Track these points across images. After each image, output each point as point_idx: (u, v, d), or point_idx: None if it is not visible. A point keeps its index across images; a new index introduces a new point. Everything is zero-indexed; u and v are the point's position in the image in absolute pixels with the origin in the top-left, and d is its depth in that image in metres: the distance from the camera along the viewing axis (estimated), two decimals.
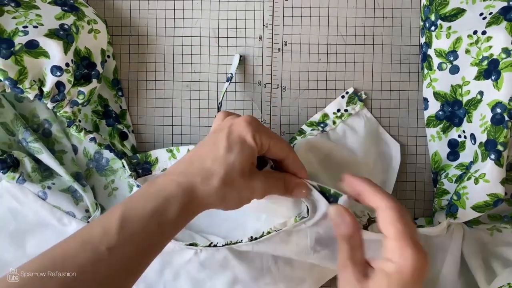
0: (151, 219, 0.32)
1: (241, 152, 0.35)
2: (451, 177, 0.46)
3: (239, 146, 0.35)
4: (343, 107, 0.48)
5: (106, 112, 0.49)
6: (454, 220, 0.44)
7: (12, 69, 0.40)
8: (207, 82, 0.50)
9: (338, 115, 0.48)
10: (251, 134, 0.36)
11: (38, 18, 0.42)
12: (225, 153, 0.35)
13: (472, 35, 0.44)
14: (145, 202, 0.33)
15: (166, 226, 0.33)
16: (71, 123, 0.45)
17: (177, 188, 0.34)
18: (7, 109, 0.47)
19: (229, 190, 0.35)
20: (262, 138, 0.36)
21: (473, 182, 0.42)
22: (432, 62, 0.47)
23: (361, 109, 0.48)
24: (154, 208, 0.33)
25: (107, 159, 0.50)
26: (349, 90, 0.49)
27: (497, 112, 0.41)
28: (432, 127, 0.48)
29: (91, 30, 0.46)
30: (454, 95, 0.46)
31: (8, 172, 0.44)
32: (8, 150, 0.46)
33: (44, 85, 0.42)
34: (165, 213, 0.33)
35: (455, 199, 0.43)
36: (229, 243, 0.44)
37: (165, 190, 0.34)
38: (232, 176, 0.35)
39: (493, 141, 0.41)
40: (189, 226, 0.46)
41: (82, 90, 0.44)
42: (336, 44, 0.49)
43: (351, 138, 0.47)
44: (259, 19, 0.50)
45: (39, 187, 0.46)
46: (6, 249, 0.47)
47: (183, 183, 0.34)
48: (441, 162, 0.48)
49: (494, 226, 0.46)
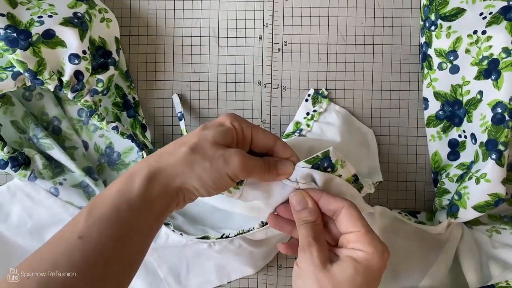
0: (117, 199, 0.32)
1: (217, 129, 0.35)
2: (452, 176, 0.46)
3: (215, 125, 0.35)
4: (311, 109, 0.49)
5: (125, 102, 0.49)
6: (455, 219, 0.44)
7: (31, 61, 0.40)
8: (207, 82, 0.50)
9: (309, 118, 0.48)
10: (230, 120, 0.36)
11: (51, 8, 0.43)
12: (199, 129, 0.35)
13: (472, 34, 0.44)
14: (111, 186, 0.33)
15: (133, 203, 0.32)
16: (92, 112, 0.45)
17: (141, 165, 0.33)
18: (17, 107, 0.48)
19: (198, 158, 0.33)
20: (242, 124, 0.36)
21: (474, 182, 0.42)
22: (432, 61, 0.47)
23: (328, 104, 0.48)
24: (118, 188, 0.32)
25: (119, 153, 0.50)
26: (310, 92, 0.49)
27: (497, 111, 0.41)
28: (432, 127, 0.48)
29: (103, 19, 0.46)
30: (454, 95, 0.46)
31: (19, 170, 0.44)
32: (19, 148, 0.46)
33: (63, 75, 0.42)
34: (129, 190, 0.32)
35: (456, 198, 0.43)
36: (241, 232, 0.43)
37: (131, 169, 0.34)
38: (203, 145, 0.34)
39: (494, 141, 0.41)
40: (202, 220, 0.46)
41: (101, 78, 0.44)
42: (336, 44, 0.49)
43: (329, 133, 0.47)
44: (259, 19, 0.50)
45: (50, 183, 0.46)
46: (30, 244, 0.47)
47: (149, 159, 0.34)
48: (441, 162, 0.48)
49: (494, 227, 0.46)
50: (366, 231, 0.33)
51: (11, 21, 0.41)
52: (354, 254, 0.33)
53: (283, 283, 0.49)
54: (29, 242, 0.47)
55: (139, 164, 0.34)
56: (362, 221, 0.34)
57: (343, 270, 0.32)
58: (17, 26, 0.40)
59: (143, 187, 0.32)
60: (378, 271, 0.33)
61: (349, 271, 0.32)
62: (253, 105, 0.50)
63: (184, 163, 0.33)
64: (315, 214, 0.36)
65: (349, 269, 0.32)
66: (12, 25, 0.40)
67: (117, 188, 0.32)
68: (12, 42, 0.40)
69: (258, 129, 0.37)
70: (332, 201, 0.35)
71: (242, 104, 0.50)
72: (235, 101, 0.50)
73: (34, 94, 0.49)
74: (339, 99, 0.49)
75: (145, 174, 0.33)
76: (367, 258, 0.32)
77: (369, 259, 0.32)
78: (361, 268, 0.32)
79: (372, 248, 0.33)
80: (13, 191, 0.47)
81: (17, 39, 0.40)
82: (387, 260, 0.33)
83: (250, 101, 0.50)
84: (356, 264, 0.32)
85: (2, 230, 0.47)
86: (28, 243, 0.47)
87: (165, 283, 0.48)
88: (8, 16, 0.41)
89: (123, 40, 0.50)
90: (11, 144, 0.46)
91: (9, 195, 0.47)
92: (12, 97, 0.47)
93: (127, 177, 0.33)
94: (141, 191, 0.32)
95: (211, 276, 0.48)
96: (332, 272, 0.32)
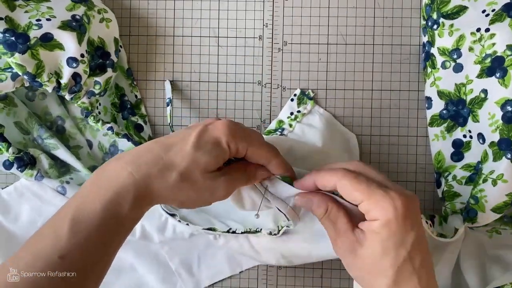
0: (103, 219, 0.30)
1: (211, 153, 0.32)
2: (460, 179, 0.46)
3: (210, 146, 0.32)
4: (295, 109, 0.48)
5: (122, 103, 0.50)
6: (473, 224, 0.43)
7: (30, 64, 0.40)
8: (207, 82, 0.50)
9: (292, 118, 0.48)
10: (226, 139, 0.33)
11: (50, 11, 0.43)
12: (191, 148, 0.32)
13: (475, 32, 0.44)
14: (94, 199, 0.31)
15: (120, 224, 0.31)
16: (88, 113, 0.45)
17: (128, 180, 0.31)
18: (20, 108, 0.48)
19: (186, 188, 0.32)
20: (239, 145, 0.33)
21: (491, 184, 0.41)
22: (436, 60, 0.47)
23: (313, 107, 0.48)
24: (105, 207, 0.30)
25: (122, 152, 0.50)
26: (296, 92, 0.49)
27: (507, 110, 0.41)
28: (436, 126, 0.48)
29: (103, 19, 0.46)
30: (458, 94, 0.46)
31: (26, 170, 0.44)
32: (24, 149, 0.46)
33: (62, 77, 0.42)
34: (117, 211, 0.31)
35: (473, 203, 0.43)
36: (248, 230, 0.43)
37: (115, 182, 0.31)
38: (193, 174, 0.32)
39: (507, 140, 0.40)
40: (206, 210, 0.46)
41: (98, 80, 0.44)
42: (336, 44, 0.49)
43: (310, 135, 0.47)
44: (259, 19, 0.50)
45: (57, 182, 0.46)
46: None
47: (136, 173, 0.31)
48: (445, 162, 0.47)
49: (494, 228, 0.46)
50: (365, 198, 0.31)
51: (10, 24, 0.41)
52: (372, 226, 0.31)
53: (283, 283, 0.49)
54: None
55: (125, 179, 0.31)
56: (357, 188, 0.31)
57: (371, 251, 0.31)
58: (16, 30, 0.40)
59: (130, 210, 0.31)
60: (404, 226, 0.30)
61: (377, 248, 0.31)
62: (253, 105, 0.50)
63: (172, 190, 0.32)
64: (322, 204, 0.34)
65: (376, 246, 0.31)
66: (10, 29, 0.40)
67: (103, 206, 0.30)
68: (11, 46, 0.40)
69: (255, 149, 0.35)
70: (325, 181, 0.33)
71: (242, 104, 0.50)
72: (235, 101, 0.50)
73: (37, 94, 0.49)
74: (339, 99, 0.49)
75: (133, 196, 0.31)
76: (384, 225, 0.30)
77: (387, 224, 0.30)
78: (385, 237, 0.30)
79: (380, 213, 0.30)
80: (20, 191, 0.47)
81: (16, 43, 0.40)
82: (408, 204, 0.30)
83: (250, 101, 0.50)
84: (379, 238, 0.30)
85: (14, 230, 0.47)
86: None
87: (177, 276, 0.48)
88: (6, 20, 0.41)
89: (123, 40, 0.50)
90: (15, 145, 0.46)
91: (16, 195, 0.47)
92: (15, 98, 0.47)
93: (114, 191, 0.31)
94: (128, 215, 0.31)
95: (223, 267, 0.48)
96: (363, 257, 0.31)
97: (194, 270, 0.48)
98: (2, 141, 0.43)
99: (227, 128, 0.33)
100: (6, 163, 0.44)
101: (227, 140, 0.33)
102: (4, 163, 0.45)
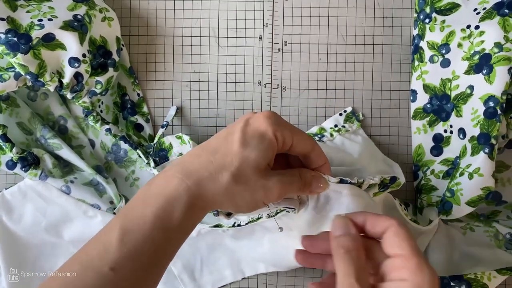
0: (154, 227, 0.29)
1: (259, 147, 0.31)
2: (438, 173, 0.47)
3: (256, 140, 0.31)
4: (341, 123, 0.48)
5: (123, 103, 0.50)
6: (447, 217, 0.44)
7: (32, 64, 0.41)
8: (207, 82, 0.50)
9: (335, 129, 0.47)
10: (272, 129, 0.31)
11: (51, 11, 0.43)
12: (239, 147, 0.31)
13: (465, 29, 0.44)
14: (144, 208, 0.30)
15: (172, 232, 0.30)
16: (88, 113, 0.45)
17: (179, 187, 0.30)
18: (23, 108, 0.48)
19: (240, 190, 0.31)
20: (285, 134, 0.32)
21: (467, 178, 0.42)
22: (424, 54, 0.47)
23: (358, 128, 0.48)
24: (156, 214, 0.29)
25: (125, 150, 0.50)
26: (347, 109, 0.49)
27: (490, 105, 0.41)
28: (419, 120, 0.48)
29: (104, 18, 0.46)
30: (443, 89, 0.46)
31: (30, 170, 0.44)
32: (27, 149, 0.46)
33: (64, 77, 0.43)
34: (168, 218, 0.29)
35: (449, 196, 0.44)
36: (252, 220, 0.44)
37: (166, 189, 0.30)
38: (245, 173, 0.30)
39: (487, 134, 0.41)
40: None
41: (100, 80, 0.44)
42: (336, 44, 0.49)
43: (350, 147, 0.46)
44: (259, 19, 0.50)
45: (62, 182, 0.46)
46: (49, 240, 0.47)
47: (187, 180, 0.30)
48: (424, 156, 0.48)
49: (468, 224, 0.47)
50: (413, 254, 0.28)
51: (12, 25, 0.41)
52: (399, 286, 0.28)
53: (283, 283, 0.49)
54: (48, 239, 0.47)
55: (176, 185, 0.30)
56: (409, 242, 0.28)
57: None
58: (18, 30, 0.41)
59: (183, 216, 0.30)
60: None
61: None
62: (253, 105, 0.50)
63: (225, 193, 0.31)
64: (357, 241, 0.30)
65: None
66: (12, 29, 0.40)
67: (153, 213, 0.29)
68: (13, 46, 0.40)
69: (299, 136, 0.33)
70: (378, 221, 0.30)
71: (242, 104, 0.50)
72: (235, 101, 0.50)
73: (39, 94, 0.49)
74: (339, 99, 0.49)
75: (185, 202, 0.30)
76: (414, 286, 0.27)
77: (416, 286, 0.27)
78: None
79: (419, 277, 0.27)
80: (24, 191, 0.47)
81: (18, 43, 0.40)
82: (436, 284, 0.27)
83: (250, 101, 0.50)
84: None
85: (17, 230, 0.47)
86: (46, 240, 0.47)
87: (179, 281, 0.48)
88: (8, 20, 0.41)
89: (123, 40, 0.50)
90: (18, 145, 0.46)
91: (20, 196, 0.47)
92: (17, 99, 0.47)
93: (164, 200, 0.30)
94: (182, 222, 0.30)
95: (225, 272, 0.48)
96: None
97: (196, 275, 0.48)
98: (6, 141, 0.44)
99: (270, 118, 0.32)
100: (9, 163, 0.44)
101: (273, 130, 0.32)
102: (8, 163, 0.45)
